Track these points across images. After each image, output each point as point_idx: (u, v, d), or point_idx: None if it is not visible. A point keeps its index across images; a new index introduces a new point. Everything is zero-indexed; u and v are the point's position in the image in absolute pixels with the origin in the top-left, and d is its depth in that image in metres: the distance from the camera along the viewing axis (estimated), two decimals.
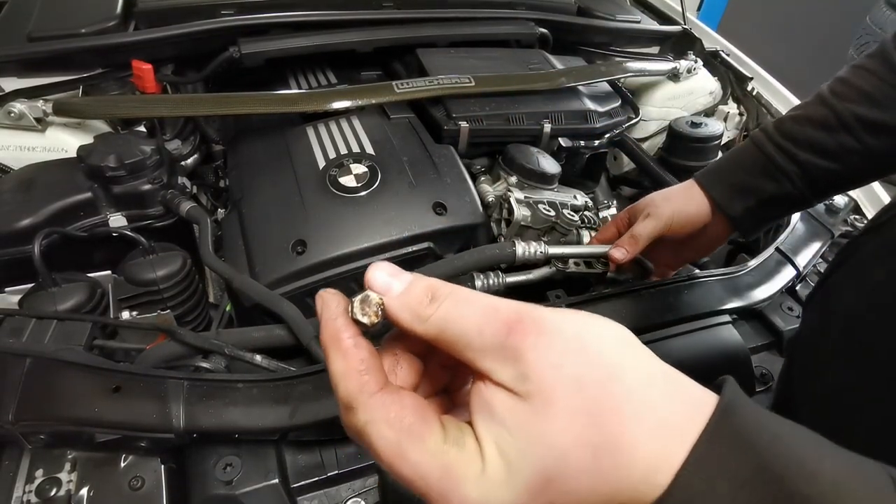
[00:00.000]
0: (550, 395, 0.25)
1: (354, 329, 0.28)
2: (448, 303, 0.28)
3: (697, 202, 0.72)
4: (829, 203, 1.00)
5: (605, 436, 0.24)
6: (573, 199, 0.94)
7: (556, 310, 0.27)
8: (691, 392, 0.26)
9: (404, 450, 0.26)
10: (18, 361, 0.60)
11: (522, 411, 0.25)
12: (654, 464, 0.24)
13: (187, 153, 1.08)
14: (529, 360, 0.25)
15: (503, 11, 1.27)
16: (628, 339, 0.27)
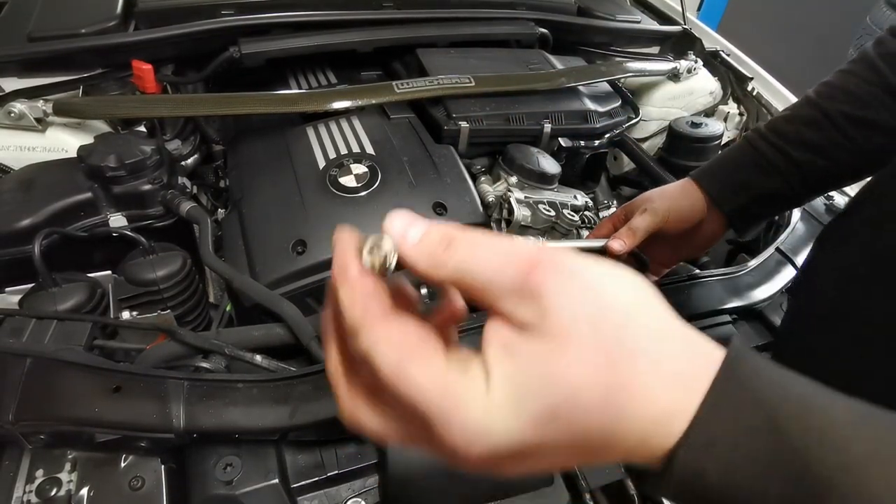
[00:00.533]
0: (567, 334, 0.25)
1: (361, 263, 0.29)
2: (465, 248, 0.28)
3: (693, 199, 0.73)
4: (828, 203, 1.00)
5: (618, 378, 0.25)
6: (573, 200, 0.94)
7: (576, 255, 0.27)
8: (704, 346, 0.27)
9: (405, 368, 0.26)
10: (18, 361, 0.60)
11: (537, 347, 0.25)
12: (669, 410, 0.25)
13: (187, 153, 1.08)
14: (548, 299, 0.25)
15: (503, 11, 1.27)
16: (647, 290, 0.28)
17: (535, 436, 0.25)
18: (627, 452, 0.26)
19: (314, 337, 0.70)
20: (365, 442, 0.65)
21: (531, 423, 0.25)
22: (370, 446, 0.65)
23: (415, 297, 0.33)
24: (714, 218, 0.74)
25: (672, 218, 0.72)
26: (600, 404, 0.25)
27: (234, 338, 0.72)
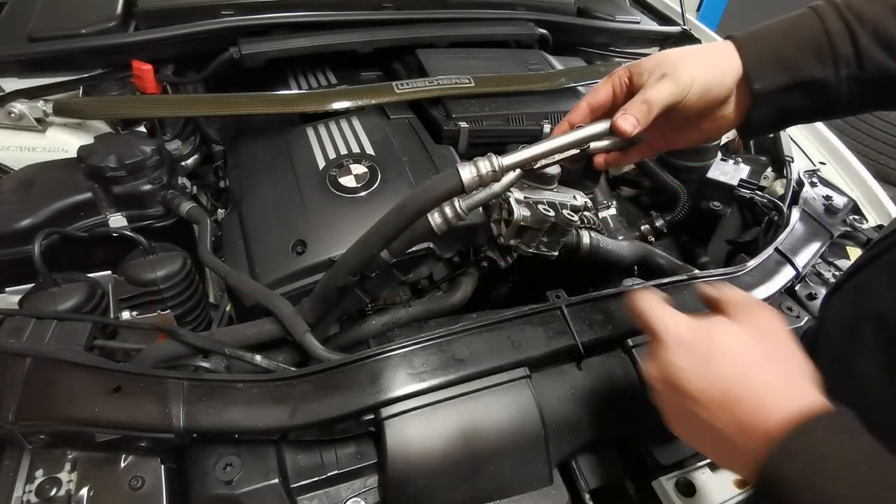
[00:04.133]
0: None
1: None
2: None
3: (724, 67, 0.59)
4: (828, 203, 1.00)
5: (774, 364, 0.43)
6: (573, 200, 0.94)
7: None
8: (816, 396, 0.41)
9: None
10: (18, 361, 0.60)
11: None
12: (787, 393, 0.41)
13: (187, 153, 1.08)
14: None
15: (503, 12, 1.28)
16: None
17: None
18: (744, 412, 0.41)
19: (307, 332, 0.70)
20: (365, 442, 0.66)
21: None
22: (370, 446, 0.65)
23: None
24: (735, 100, 0.60)
25: (695, 91, 0.57)
26: (761, 373, 0.43)
27: (227, 336, 0.72)
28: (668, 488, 0.68)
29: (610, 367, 0.74)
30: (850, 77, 0.57)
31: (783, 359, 0.44)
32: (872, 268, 0.59)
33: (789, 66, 0.58)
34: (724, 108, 0.61)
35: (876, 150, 2.81)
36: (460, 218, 0.63)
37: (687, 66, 0.58)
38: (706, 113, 0.61)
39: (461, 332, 0.69)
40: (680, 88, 0.57)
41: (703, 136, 0.64)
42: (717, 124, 0.62)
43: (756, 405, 0.41)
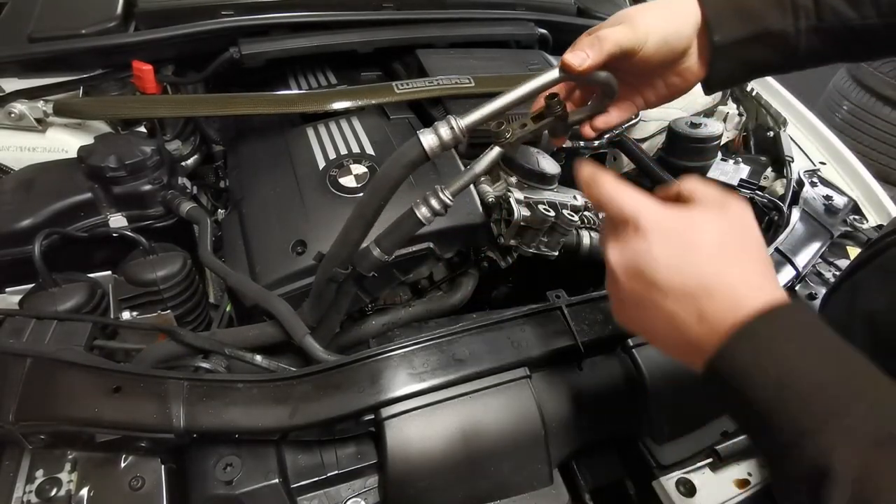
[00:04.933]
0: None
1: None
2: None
3: (684, 17, 0.58)
4: (828, 203, 1.00)
5: (741, 251, 0.43)
6: (573, 200, 0.94)
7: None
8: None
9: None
10: (19, 361, 0.60)
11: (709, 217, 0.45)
12: (761, 286, 0.41)
13: (187, 154, 1.08)
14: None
15: (503, 12, 1.28)
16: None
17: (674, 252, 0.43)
18: (712, 306, 0.41)
19: (307, 334, 0.70)
20: (365, 442, 0.66)
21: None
22: (370, 446, 0.65)
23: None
24: (696, 53, 0.60)
25: (653, 41, 0.56)
26: (720, 252, 0.42)
27: (228, 338, 0.72)
28: (668, 488, 0.68)
29: (610, 367, 0.74)
30: (810, 28, 0.57)
31: (757, 254, 0.44)
32: (868, 268, 0.59)
33: (749, 17, 0.58)
34: (687, 59, 0.60)
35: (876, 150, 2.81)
36: (446, 206, 0.62)
37: (643, 17, 0.57)
38: (669, 65, 0.60)
39: (461, 332, 0.69)
40: (636, 35, 0.55)
41: (671, 89, 0.63)
42: (682, 77, 0.62)
43: (729, 298, 0.40)
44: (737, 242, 0.44)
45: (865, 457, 0.33)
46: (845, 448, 0.34)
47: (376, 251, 0.64)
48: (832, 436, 0.34)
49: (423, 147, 0.58)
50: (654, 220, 0.44)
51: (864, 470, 0.33)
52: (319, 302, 0.70)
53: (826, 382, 0.36)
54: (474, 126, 0.59)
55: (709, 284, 0.41)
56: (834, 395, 0.36)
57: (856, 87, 2.85)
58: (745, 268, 0.42)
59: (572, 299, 0.75)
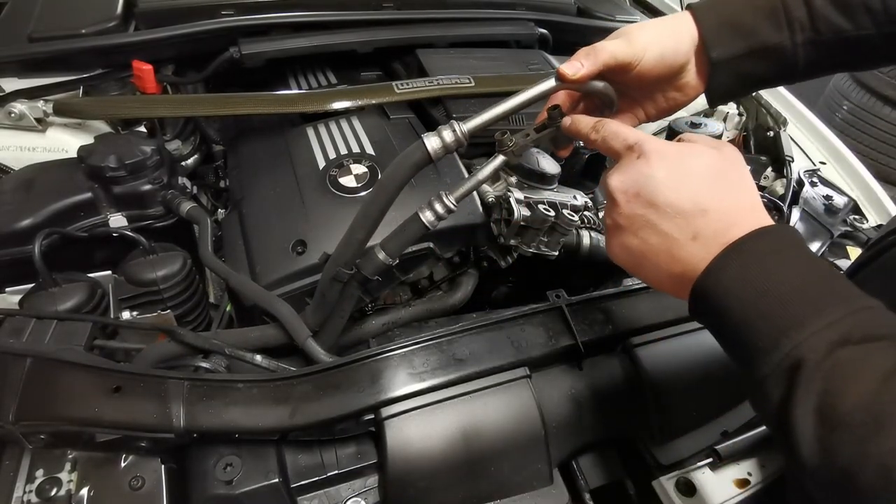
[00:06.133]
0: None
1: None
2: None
3: (680, 35, 0.60)
4: (828, 203, 1.00)
5: (727, 186, 0.46)
6: (573, 200, 0.94)
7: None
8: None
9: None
10: (19, 361, 0.60)
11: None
12: (753, 209, 0.45)
13: (187, 153, 1.08)
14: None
15: (503, 12, 1.28)
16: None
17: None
18: (710, 224, 0.44)
19: (309, 336, 0.70)
20: (365, 442, 0.66)
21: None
22: (370, 446, 0.65)
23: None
24: (695, 69, 0.61)
25: (650, 54, 0.58)
26: (715, 185, 0.45)
27: (231, 339, 0.72)
28: (668, 488, 0.68)
29: (610, 367, 0.74)
30: (807, 41, 0.58)
31: (749, 187, 0.47)
32: (869, 269, 0.59)
33: (744, 32, 0.59)
34: (686, 74, 0.62)
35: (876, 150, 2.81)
36: (450, 210, 0.63)
37: (641, 32, 0.59)
38: (668, 80, 0.62)
39: (461, 332, 0.69)
40: (632, 49, 0.57)
41: (670, 103, 0.65)
42: (682, 91, 0.63)
43: (723, 219, 0.44)
44: (731, 175, 0.47)
45: (836, 352, 0.35)
46: (819, 344, 0.36)
47: (381, 254, 0.65)
48: (808, 331, 0.37)
49: (427, 150, 0.61)
50: (656, 147, 0.48)
51: (834, 363, 0.35)
52: (323, 303, 0.70)
53: (806, 287, 0.39)
54: (476, 130, 0.60)
55: (704, 206, 0.45)
56: (813, 297, 0.39)
57: (856, 87, 2.85)
58: (739, 196, 0.46)
59: (572, 299, 0.75)
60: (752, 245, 0.42)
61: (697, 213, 0.44)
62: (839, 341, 0.36)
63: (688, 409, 0.74)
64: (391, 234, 0.65)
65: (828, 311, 0.38)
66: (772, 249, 0.42)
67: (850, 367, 0.35)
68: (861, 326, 0.37)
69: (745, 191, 0.47)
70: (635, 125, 0.67)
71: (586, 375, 0.72)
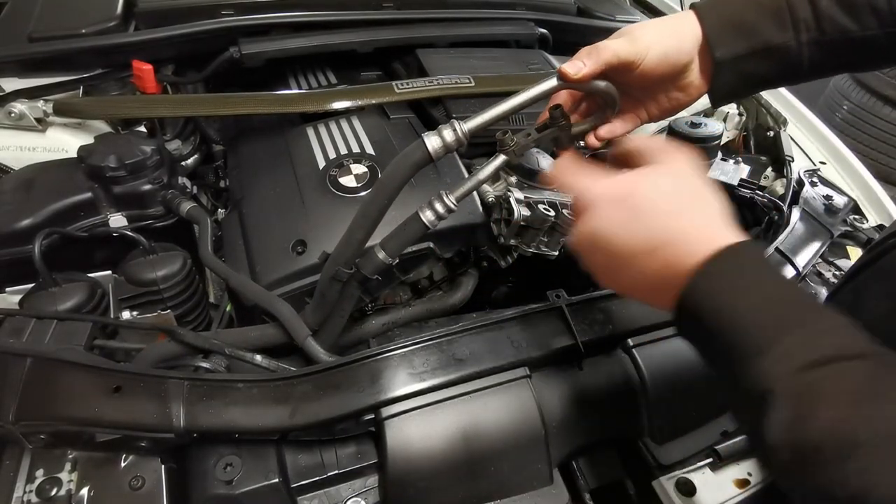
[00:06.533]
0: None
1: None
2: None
3: (683, 34, 0.59)
4: (828, 203, 1.00)
5: (690, 206, 0.46)
6: None
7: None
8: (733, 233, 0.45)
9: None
10: (19, 361, 0.60)
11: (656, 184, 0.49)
12: (711, 227, 0.45)
13: (187, 153, 1.08)
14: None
15: (503, 12, 1.28)
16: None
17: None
18: (672, 255, 0.44)
19: (308, 336, 0.70)
20: (365, 442, 0.66)
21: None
22: (370, 446, 0.65)
23: None
24: (698, 69, 0.60)
25: (653, 53, 0.57)
26: (678, 207, 0.45)
27: (230, 339, 0.72)
28: (668, 488, 0.68)
29: (610, 367, 0.74)
30: (812, 41, 0.58)
31: (703, 201, 0.47)
32: (869, 272, 0.59)
33: (748, 32, 0.58)
34: (688, 74, 0.61)
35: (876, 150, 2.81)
36: (450, 210, 0.63)
37: (644, 31, 0.58)
38: (671, 80, 0.61)
39: (461, 332, 0.69)
40: (635, 48, 0.57)
41: (673, 103, 0.64)
42: (684, 91, 0.62)
43: (682, 248, 0.44)
44: (683, 197, 0.47)
45: (802, 377, 0.36)
46: (784, 370, 0.37)
47: (381, 254, 0.65)
48: (772, 359, 0.38)
49: (428, 149, 0.60)
50: (598, 193, 0.49)
51: (801, 389, 0.36)
52: (323, 303, 0.70)
53: (768, 313, 0.40)
54: (477, 130, 0.60)
55: (663, 238, 0.45)
56: (774, 324, 0.39)
57: (856, 87, 2.85)
58: (694, 215, 0.46)
59: (572, 299, 0.75)
60: (716, 269, 0.43)
61: (660, 246, 0.45)
62: (803, 366, 0.36)
63: (688, 409, 0.74)
64: (391, 233, 0.65)
65: (790, 337, 0.38)
66: (735, 273, 0.42)
67: (815, 392, 0.35)
68: (824, 347, 0.37)
69: (701, 206, 0.47)
70: (637, 125, 0.67)
71: (586, 375, 0.72)
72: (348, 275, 0.66)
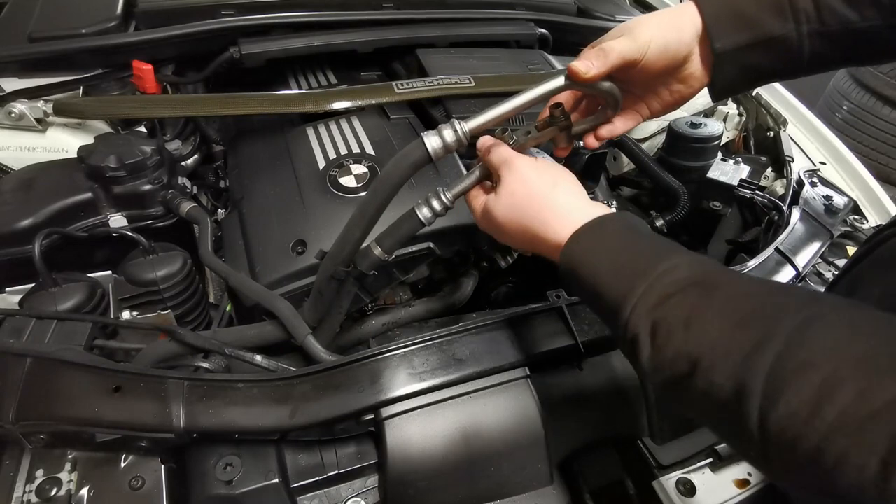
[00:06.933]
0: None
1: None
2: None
3: (683, 24, 0.59)
4: (828, 203, 1.00)
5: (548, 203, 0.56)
6: None
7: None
8: (595, 208, 0.56)
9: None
10: (19, 361, 0.60)
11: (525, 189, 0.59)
12: (572, 220, 0.54)
13: (187, 153, 1.08)
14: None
15: (503, 12, 1.28)
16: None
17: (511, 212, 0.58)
18: (546, 240, 0.54)
19: (308, 334, 0.70)
20: (365, 442, 0.66)
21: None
22: (370, 446, 0.65)
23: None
24: (699, 60, 0.60)
25: (654, 48, 0.57)
26: (541, 205, 0.56)
27: (229, 337, 0.72)
28: (668, 488, 0.68)
29: (610, 367, 0.74)
30: (812, 32, 0.57)
31: (561, 193, 0.57)
32: (865, 262, 0.59)
33: (749, 23, 0.58)
34: (689, 66, 0.60)
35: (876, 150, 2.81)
36: (447, 207, 0.63)
37: (644, 27, 0.58)
38: (671, 72, 0.61)
39: (461, 332, 0.69)
40: (637, 45, 0.57)
41: (675, 96, 0.64)
42: (685, 83, 0.62)
43: (546, 230, 0.55)
44: (538, 191, 0.57)
45: (652, 315, 0.44)
46: (639, 314, 0.44)
47: (377, 250, 0.64)
48: (630, 307, 0.45)
49: (427, 149, 0.60)
50: (502, 187, 0.59)
51: (653, 325, 0.43)
52: (320, 300, 0.70)
53: (619, 270, 0.48)
54: (478, 130, 0.60)
55: (526, 222, 0.56)
56: (629, 276, 0.47)
57: (856, 87, 2.85)
58: (554, 206, 0.56)
59: (572, 299, 0.75)
60: (583, 236, 0.52)
61: (529, 229, 0.56)
62: (652, 306, 0.44)
63: None
64: (387, 229, 0.65)
65: (639, 286, 0.45)
66: (597, 238, 0.51)
67: (662, 325, 0.43)
68: (666, 287, 0.44)
69: (560, 195, 0.56)
70: (638, 122, 0.67)
71: (586, 375, 0.72)
72: (346, 273, 0.66)
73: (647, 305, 0.44)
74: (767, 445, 0.36)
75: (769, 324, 0.38)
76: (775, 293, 0.42)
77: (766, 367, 0.36)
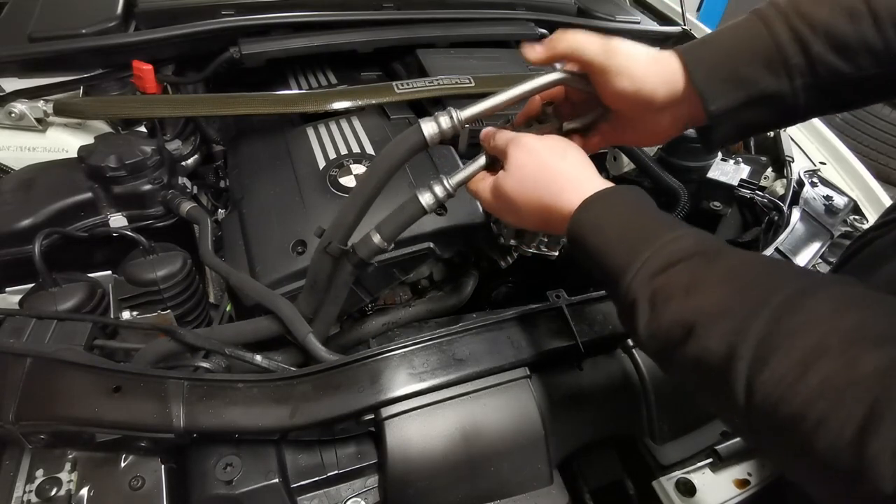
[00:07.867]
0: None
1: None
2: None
3: (667, 74, 0.57)
4: (828, 203, 1.00)
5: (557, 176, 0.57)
6: None
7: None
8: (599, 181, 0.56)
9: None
10: (19, 361, 0.60)
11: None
12: (581, 190, 0.54)
13: (188, 153, 1.08)
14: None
15: (503, 12, 1.28)
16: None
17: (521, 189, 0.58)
18: (560, 209, 0.54)
19: (309, 333, 0.70)
20: (365, 442, 0.66)
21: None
22: (370, 446, 0.65)
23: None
24: (687, 110, 0.58)
25: (624, 81, 0.56)
26: (551, 178, 0.56)
27: (226, 333, 0.72)
28: (668, 488, 0.68)
29: (610, 367, 0.74)
30: (806, 86, 0.56)
31: (570, 165, 0.57)
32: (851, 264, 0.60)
33: (742, 83, 0.57)
34: (660, 115, 0.59)
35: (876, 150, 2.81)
36: (449, 194, 0.63)
37: (625, 48, 0.57)
38: (639, 113, 0.60)
39: (461, 332, 0.69)
40: (603, 50, 0.56)
41: (639, 136, 0.64)
42: (651, 129, 0.62)
43: (560, 199, 0.55)
44: (548, 166, 0.57)
45: (652, 282, 0.45)
46: (640, 280, 0.45)
47: (377, 237, 0.64)
48: (632, 273, 0.46)
49: (424, 134, 0.61)
50: (508, 163, 0.60)
51: (652, 291, 0.45)
52: (314, 287, 0.70)
53: (626, 237, 0.49)
54: (472, 119, 0.62)
55: (538, 197, 0.56)
56: (632, 244, 0.48)
57: None
58: (563, 178, 0.56)
59: (572, 299, 0.75)
60: (592, 205, 0.52)
61: (540, 202, 0.56)
62: (653, 274, 0.45)
63: (688, 409, 0.74)
64: (387, 216, 0.64)
65: (642, 254, 0.46)
66: (604, 208, 0.52)
67: (661, 292, 0.44)
68: (669, 256, 0.45)
69: (567, 168, 0.57)
70: (609, 145, 0.69)
71: (586, 375, 0.72)
72: (340, 250, 0.65)
73: (649, 271, 0.45)
74: (751, 409, 0.37)
75: (765, 292, 0.39)
76: (776, 266, 0.44)
77: (758, 333, 0.37)
